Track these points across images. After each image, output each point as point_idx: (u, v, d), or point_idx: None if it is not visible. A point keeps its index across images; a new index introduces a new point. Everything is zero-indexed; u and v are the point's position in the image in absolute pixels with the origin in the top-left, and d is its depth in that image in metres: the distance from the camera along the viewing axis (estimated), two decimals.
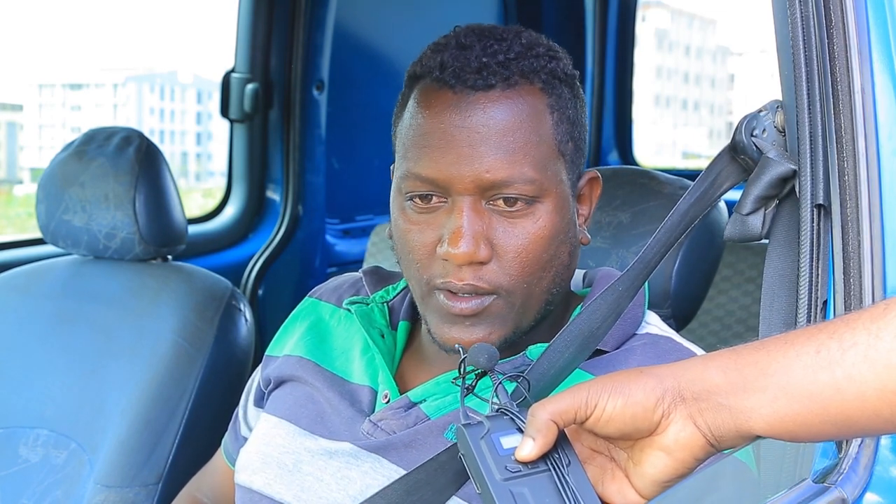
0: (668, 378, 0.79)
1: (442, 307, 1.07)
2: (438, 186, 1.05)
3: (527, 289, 1.07)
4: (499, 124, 1.04)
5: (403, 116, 1.10)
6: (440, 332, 1.08)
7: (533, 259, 1.06)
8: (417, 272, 1.08)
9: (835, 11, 0.99)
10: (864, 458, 0.91)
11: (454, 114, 1.04)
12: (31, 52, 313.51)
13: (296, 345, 1.26)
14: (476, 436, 0.81)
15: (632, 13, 3.47)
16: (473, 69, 1.05)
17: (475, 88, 1.04)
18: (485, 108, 1.04)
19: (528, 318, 1.09)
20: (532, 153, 1.05)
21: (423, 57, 1.11)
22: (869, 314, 0.76)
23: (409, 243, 1.08)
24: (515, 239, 1.05)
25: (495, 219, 1.05)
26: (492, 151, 1.03)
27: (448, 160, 1.04)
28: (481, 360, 0.88)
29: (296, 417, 1.19)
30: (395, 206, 1.11)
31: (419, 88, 1.09)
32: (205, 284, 1.80)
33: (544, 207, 1.06)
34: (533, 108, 1.06)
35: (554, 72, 1.08)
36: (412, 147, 1.07)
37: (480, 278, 1.05)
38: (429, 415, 1.10)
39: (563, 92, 1.09)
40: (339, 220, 2.83)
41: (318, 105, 2.59)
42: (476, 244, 1.03)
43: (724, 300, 2.09)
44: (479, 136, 1.03)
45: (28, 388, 1.77)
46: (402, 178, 1.08)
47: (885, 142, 0.98)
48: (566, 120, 1.09)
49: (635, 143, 3.56)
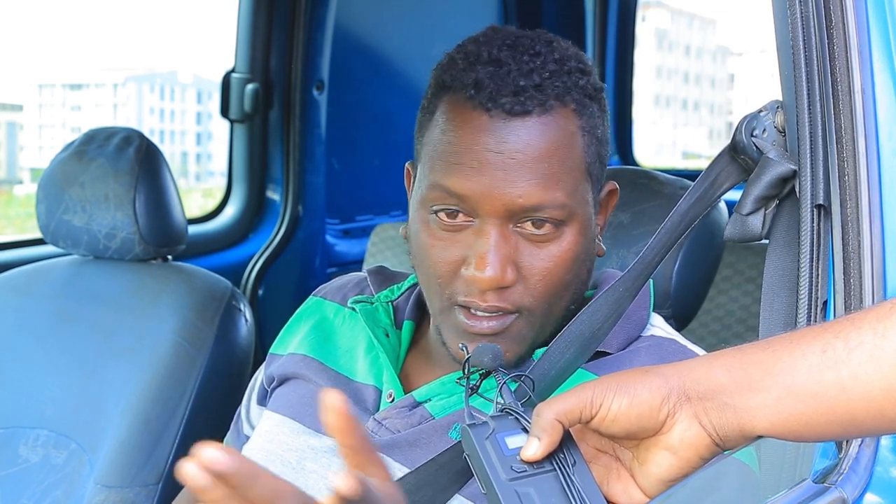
0: (673, 377, 0.79)
1: (460, 325, 1.06)
2: (466, 204, 1.03)
3: (548, 308, 1.06)
4: (534, 151, 1.02)
5: (431, 128, 1.07)
6: (455, 348, 1.07)
7: (557, 280, 1.05)
8: (438, 287, 1.07)
9: (835, 11, 0.99)
10: (865, 459, 0.91)
11: (489, 137, 1.02)
12: (31, 52, 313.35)
13: (300, 343, 1.26)
14: (481, 436, 0.81)
15: (632, 13, 3.47)
16: (510, 92, 1.02)
17: (511, 114, 1.02)
18: (520, 134, 1.02)
19: (544, 335, 1.08)
20: (564, 178, 1.03)
21: (454, 66, 1.06)
22: (875, 313, 0.76)
23: (432, 258, 1.06)
24: (541, 262, 1.04)
25: (522, 242, 1.04)
26: (526, 177, 1.01)
27: (482, 181, 1.02)
28: (485, 360, 0.88)
29: (299, 415, 1.19)
30: (417, 217, 1.08)
31: (450, 101, 1.05)
32: (205, 284, 1.80)
33: (570, 230, 1.05)
34: (566, 132, 1.04)
35: (585, 89, 1.06)
36: (442, 161, 1.04)
37: (505, 300, 1.04)
38: (433, 414, 1.10)
39: (593, 111, 1.07)
40: (339, 220, 2.83)
41: (318, 105, 2.59)
42: (503, 269, 1.02)
43: (724, 300, 2.09)
44: (513, 161, 1.01)
45: (28, 388, 1.77)
46: (429, 188, 1.06)
47: (885, 142, 0.98)
48: (595, 140, 1.07)
49: (635, 144, 3.56)
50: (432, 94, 1.09)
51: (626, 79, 3.50)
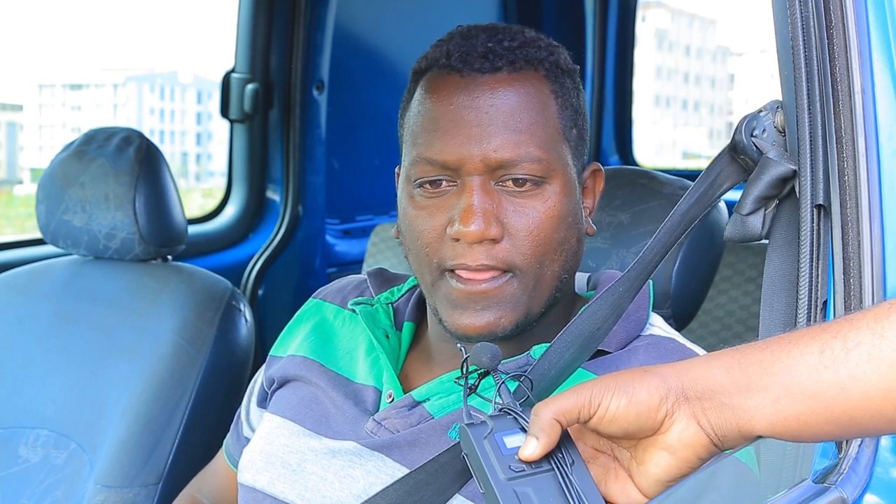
0: (671, 377, 0.79)
1: (453, 291, 1.07)
2: (448, 168, 1.06)
3: (539, 269, 1.07)
4: (506, 105, 1.06)
5: (410, 107, 1.12)
6: (451, 318, 1.08)
7: (545, 239, 1.07)
8: (427, 257, 1.08)
9: (835, 11, 0.99)
10: (864, 459, 0.91)
11: (462, 95, 1.06)
12: (31, 52, 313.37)
13: (300, 345, 1.26)
14: (479, 435, 0.81)
15: (632, 13, 3.47)
16: (480, 54, 1.07)
17: (482, 71, 1.07)
18: (492, 89, 1.06)
19: (538, 302, 1.09)
20: (538, 134, 1.06)
21: (428, 53, 1.13)
22: (873, 314, 0.76)
23: (418, 228, 1.08)
24: (526, 218, 1.06)
25: (505, 199, 1.06)
26: (499, 131, 1.05)
27: (458, 141, 1.05)
28: (484, 359, 0.88)
29: (300, 417, 1.19)
30: (403, 197, 1.11)
31: (426, 79, 1.11)
32: (205, 285, 1.80)
33: (552, 189, 1.07)
34: (538, 91, 1.08)
35: (556, 63, 1.11)
36: (421, 132, 1.08)
37: (494, 257, 1.05)
38: (432, 414, 1.10)
39: (565, 81, 1.12)
40: (339, 221, 2.83)
41: (318, 105, 2.59)
42: (487, 222, 1.04)
43: (724, 300, 2.09)
44: (487, 116, 1.05)
45: (28, 388, 1.77)
46: (411, 164, 1.09)
47: (885, 142, 0.98)
48: (570, 107, 1.11)
49: (635, 144, 3.56)
50: (410, 83, 1.14)
51: (626, 79, 3.49)
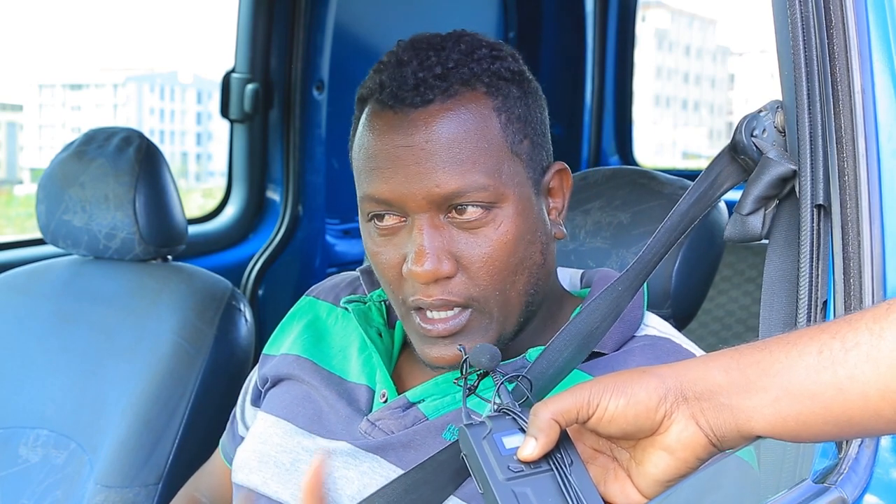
0: (670, 378, 0.79)
1: (419, 329, 1.07)
2: (393, 206, 1.05)
3: (500, 296, 1.06)
4: (442, 138, 1.02)
5: (355, 140, 1.10)
6: (423, 352, 1.08)
7: (500, 266, 1.05)
8: (392, 293, 1.09)
9: (835, 11, 0.99)
10: (865, 459, 0.91)
11: (396, 134, 1.03)
12: (31, 52, 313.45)
13: (293, 343, 1.26)
14: (478, 436, 0.81)
15: (632, 13, 3.46)
16: (410, 87, 1.03)
17: (414, 106, 1.03)
18: (427, 123, 1.03)
19: (510, 325, 1.08)
20: (481, 160, 1.03)
21: (368, 78, 1.10)
22: (871, 314, 0.76)
23: (379, 265, 1.08)
24: (479, 248, 1.04)
25: (455, 232, 1.04)
26: (439, 166, 1.02)
27: (398, 180, 1.03)
28: (483, 360, 0.88)
29: (293, 416, 1.19)
30: (363, 230, 1.11)
31: (366, 111, 1.08)
32: (205, 285, 1.80)
33: (504, 212, 1.04)
34: (477, 114, 1.04)
35: (498, 73, 1.07)
36: (364, 170, 1.07)
37: (450, 292, 1.04)
38: (427, 415, 1.10)
39: (509, 91, 1.07)
40: (339, 221, 2.83)
41: (318, 105, 2.59)
42: (439, 261, 1.03)
43: (724, 300, 2.09)
44: (423, 152, 1.02)
45: (28, 388, 1.77)
46: (360, 200, 1.08)
47: (885, 142, 0.98)
48: (516, 119, 1.07)
49: (635, 144, 3.55)
50: (356, 110, 1.11)
51: (626, 79, 3.49)
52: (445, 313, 1.05)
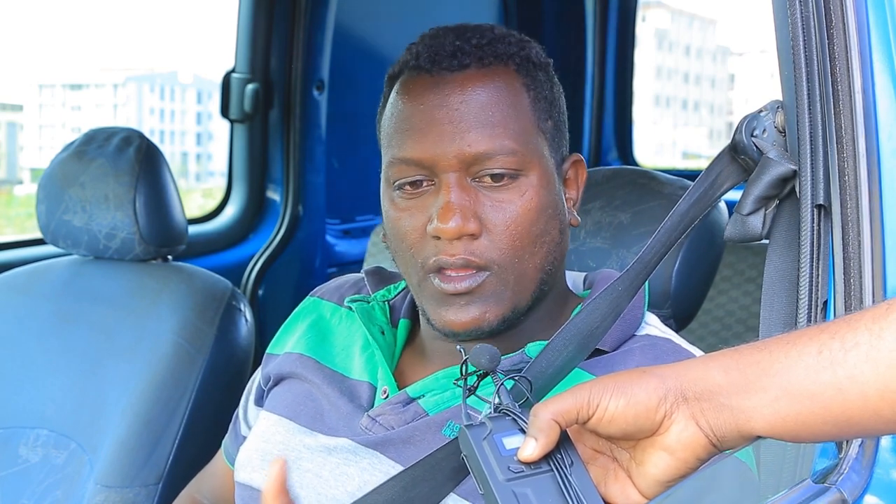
0: (670, 378, 0.79)
1: (436, 290, 1.08)
2: (424, 167, 1.07)
3: (519, 264, 1.08)
4: (477, 100, 1.07)
5: (385, 111, 1.13)
6: (437, 315, 1.09)
7: (523, 232, 1.07)
8: (411, 257, 1.09)
9: (835, 11, 0.99)
10: (865, 459, 0.91)
11: (433, 94, 1.08)
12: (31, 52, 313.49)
13: (297, 342, 1.26)
14: (478, 436, 0.81)
15: (632, 13, 3.47)
16: (448, 53, 1.09)
17: (451, 69, 1.08)
18: (462, 86, 1.07)
19: (524, 298, 1.09)
20: (511, 126, 1.07)
21: (399, 58, 1.14)
22: (871, 314, 0.76)
23: (401, 230, 1.09)
24: (503, 213, 1.07)
25: (482, 194, 1.07)
26: (472, 126, 1.06)
27: (431, 139, 1.06)
28: (483, 360, 0.88)
29: (295, 414, 1.19)
30: (385, 200, 1.12)
31: (399, 82, 1.12)
32: (205, 285, 1.80)
33: (529, 181, 1.08)
34: (509, 85, 1.09)
35: (528, 57, 1.12)
36: (395, 133, 1.10)
37: (472, 252, 1.06)
38: (427, 410, 1.11)
39: (538, 75, 1.12)
40: (339, 221, 2.83)
41: (318, 105, 2.59)
42: (465, 217, 1.05)
43: (724, 300, 2.09)
44: (458, 113, 1.06)
45: (28, 388, 1.77)
46: (388, 166, 1.10)
47: (885, 142, 0.98)
48: (543, 99, 1.12)
49: (635, 144, 3.56)
50: (385, 88, 1.15)
51: (626, 79, 3.49)
52: (465, 272, 1.06)
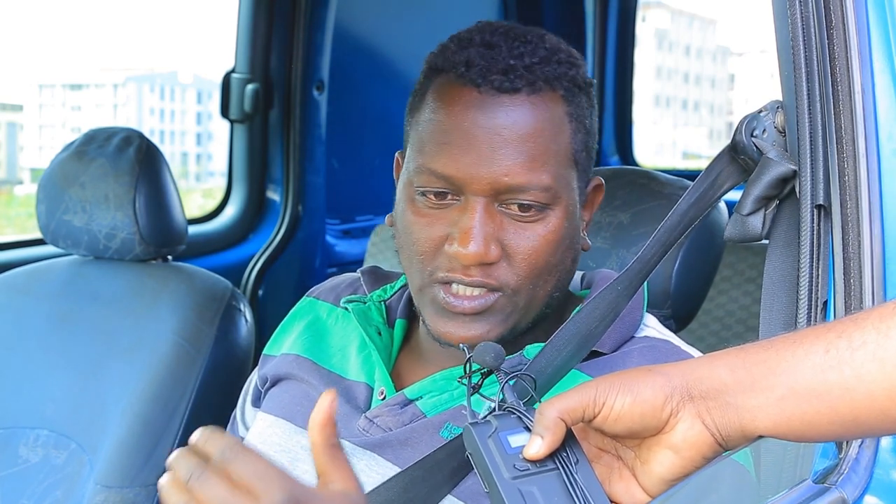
0: (676, 376, 0.79)
1: (440, 302, 1.06)
2: (453, 185, 1.04)
3: (531, 290, 1.07)
4: (521, 129, 1.03)
5: (422, 109, 1.09)
6: (436, 326, 1.08)
7: (541, 262, 1.06)
8: (420, 264, 1.08)
9: (835, 11, 0.99)
10: (865, 460, 0.91)
11: (478, 113, 1.03)
12: (31, 52, 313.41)
13: (293, 343, 1.26)
14: (484, 435, 0.81)
15: (632, 13, 3.47)
16: (500, 70, 1.04)
17: (501, 90, 1.03)
18: (509, 110, 1.03)
19: (526, 319, 1.09)
20: (551, 161, 1.04)
21: (447, 50, 1.09)
22: (878, 313, 0.76)
23: (415, 236, 1.07)
24: (526, 241, 1.05)
25: (507, 221, 1.05)
26: (512, 155, 1.03)
27: (467, 160, 1.03)
28: (488, 358, 0.88)
29: (291, 415, 1.19)
30: (403, 197, 1.10)
31: (441, 83, 1.07)
32: (205, 285, 1.80)
33: (555, 214, 1.06)
34: (554, 115, 1.05)
35: (575, 79, 1.08)
36: (430, 142, 1.06)
37: (489, 275, 1.05)
38: (425, 412, 1.10)
39: (581, 101, 1.09)
40: (339, 221, 2.83)
41: (318, 105, 2.59)
42: (487, 246, 1.03)
43: (724, 300, 2.09)
44: (500, 138, 1.03)
45: (28, 388, 1.77)
46: (415, 171, 1.07)
47: (885, 142, 0.98)
48: (583, 129, 1.09)
49: (635, 144, 3.56)
50: (424, 77, 1.11)
51: (626, 79, 3.49)
52: (475, 291, 1.05)
